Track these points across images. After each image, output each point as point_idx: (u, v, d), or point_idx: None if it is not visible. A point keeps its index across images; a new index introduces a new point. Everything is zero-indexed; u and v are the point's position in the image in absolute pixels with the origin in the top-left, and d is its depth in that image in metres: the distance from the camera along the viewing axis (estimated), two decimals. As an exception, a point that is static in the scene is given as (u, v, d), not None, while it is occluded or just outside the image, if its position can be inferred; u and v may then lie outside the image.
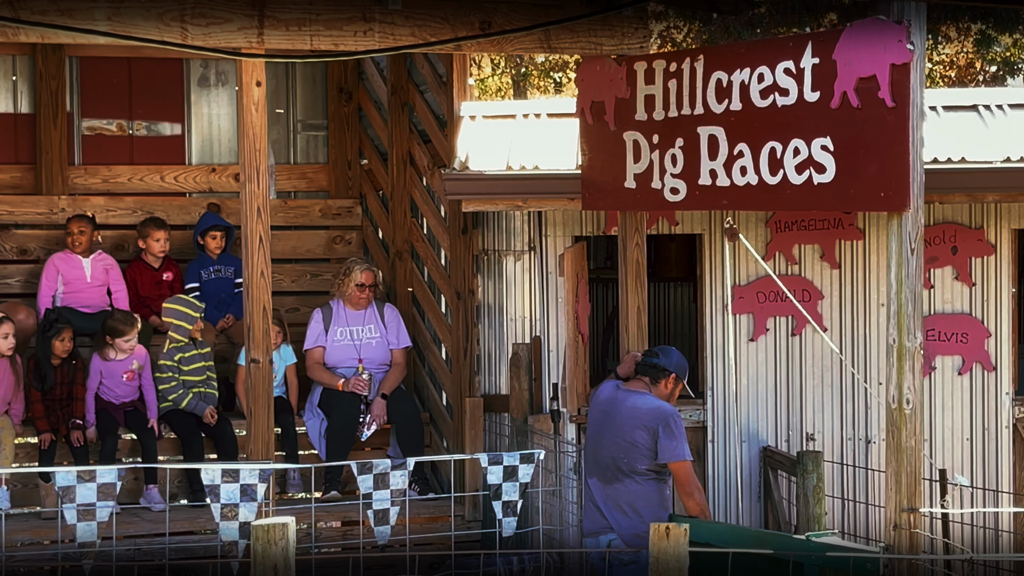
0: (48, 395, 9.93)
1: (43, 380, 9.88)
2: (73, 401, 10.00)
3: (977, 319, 10.78)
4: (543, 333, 10.52)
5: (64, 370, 10.02)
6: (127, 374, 10.11)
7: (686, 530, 5.46)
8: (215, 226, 11.25)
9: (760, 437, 10.62)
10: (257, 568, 5.13)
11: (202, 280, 11.15)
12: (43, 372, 9.90)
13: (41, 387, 9.89)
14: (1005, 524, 10.72)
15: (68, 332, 9.97)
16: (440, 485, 10.68)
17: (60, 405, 9.97)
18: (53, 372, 9.93)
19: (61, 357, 9.98)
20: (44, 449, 9.84)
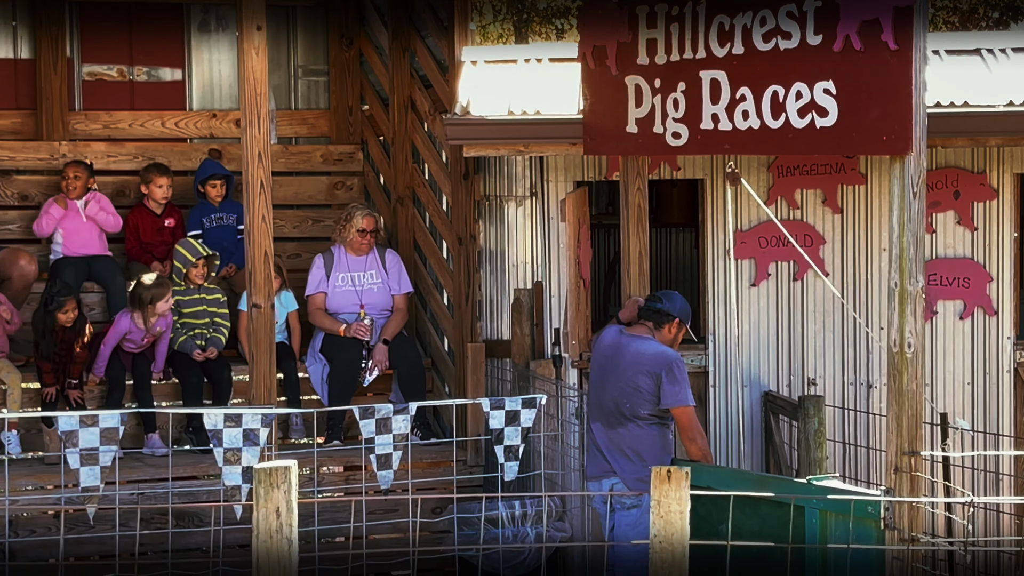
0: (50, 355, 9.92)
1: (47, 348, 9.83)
2: (71, 363, 9.94)
3: (979, 264, 10.78)
4: (545, 278, 10.51)
5: (64, 336, 9.96)
6: (147, 338, 10.11)
7: (687, 473, 5.47)
8: (215, 175, 11.24)
9: (761, 382, 10.64)
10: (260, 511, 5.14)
11: (204, 228, 11.14)
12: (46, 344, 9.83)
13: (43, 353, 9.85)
14: (1005, 467, 10.76)
15: (71, 303, 9.90)
16: (442, 430, 10.71)
17: (60, 367, 9.96)
18: (55, 344, 9.88)
19: (65, 327, 9.93)
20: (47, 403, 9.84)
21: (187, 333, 10.35)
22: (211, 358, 10.24)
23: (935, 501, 8.23)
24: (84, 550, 9.29)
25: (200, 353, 10.21)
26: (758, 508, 8.16)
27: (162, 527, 9.11)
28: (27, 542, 9.16)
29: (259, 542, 5.16)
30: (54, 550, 9.05)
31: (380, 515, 9.60)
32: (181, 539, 9.37)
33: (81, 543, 9.20)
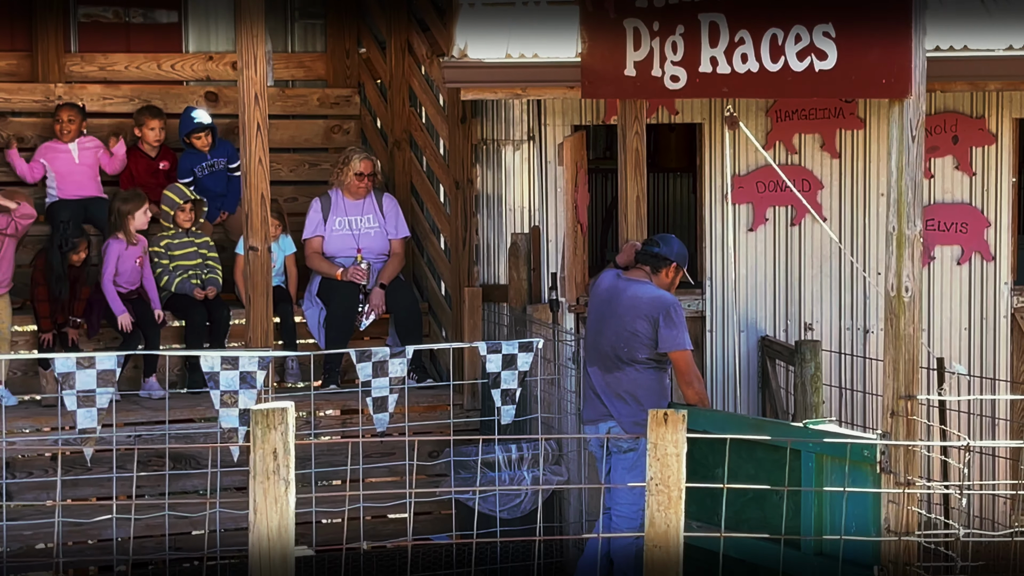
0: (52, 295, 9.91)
1: (60, 289, 9.84)
2: (75, 300, 9.98)
3: (977, 209, 10.76)
4: (542, 223, 10.50)
5: (72, 274, 9.99)
6: (138, 259, 10.12)
7: (684, 416, 5.47)
8: (197, 127, 11.10)
9: (758, 327, 10.64)
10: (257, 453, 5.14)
11: (196, 176, 11.07)
12: (60, 283, 9.84)
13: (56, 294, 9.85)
14: (1001, 412, 10.78)
15: (83, 244, 9.95)
16: (439, 374, 10.71)
17: (61, 307, 9.95)
18: (67, 276, 9.90)
19: (77, 266, 9.95)
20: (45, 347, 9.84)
21: (181, 275, 10.35)
22: (210, 297, 10.26)
23: (931, 445, 8.25)
24: (81, 492, 9.31)
25: (200, 292, 10.22)
26: (754, 452, 8.18)
27: (159, 469, 9.12)
28: (24, 483, 9.18)
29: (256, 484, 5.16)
30: (51, 492, 9.07)
31: (377, 458, 9.61)
32: (178, 481, 9.39)
33: (78, 485, 9.22)
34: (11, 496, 9.16)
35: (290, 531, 5.06)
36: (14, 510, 9.23)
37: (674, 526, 5.38)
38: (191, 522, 9.15)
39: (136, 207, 10.12)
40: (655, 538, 5.38)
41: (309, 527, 8.99)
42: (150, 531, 9.16)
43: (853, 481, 7.39)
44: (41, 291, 9.87)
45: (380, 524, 10.24)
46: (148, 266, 10.24)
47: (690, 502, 5.60)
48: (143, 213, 10.15)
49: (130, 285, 10.13)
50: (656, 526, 5.37)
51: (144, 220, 10.17)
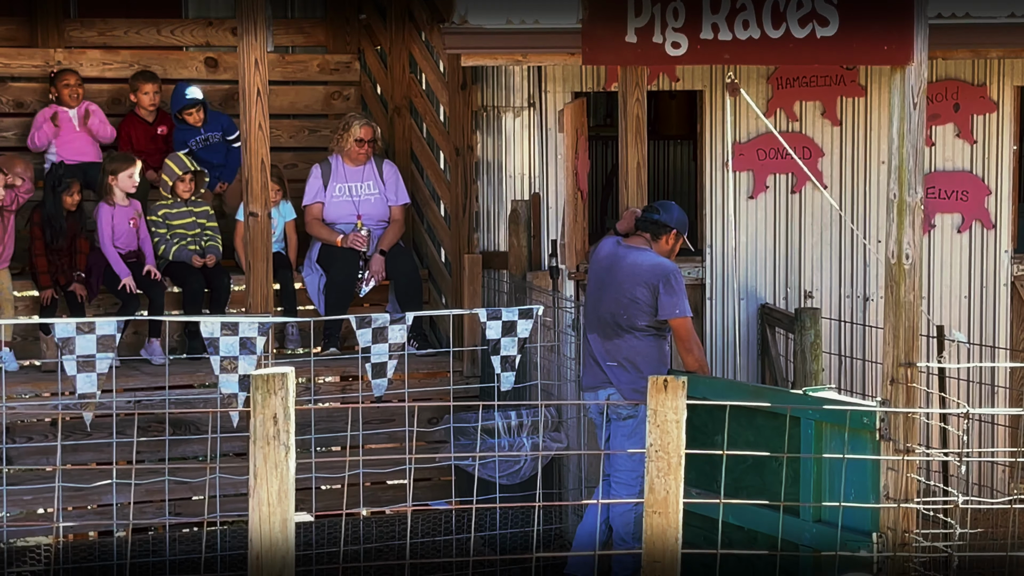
0: (50, 249, 9.92)
1: (56, 236, 9.87)
2: (75, 253, 10.00)
3: (977, 177, 10.75)
4: (542, 190, 10.48)
5: (72, 222, 10.02)
6: (132, 220, 10.11)
7: (684, 383, 5.46)
8: (188, 104, 11.05)
9: (758, 294, 10.63)
10: (257, 418, 5.14)
11: (192, 150, 11.05)
12: (56, 228, 9.87)
13: (52, 242, 9.87)
14: (1001, 379, 10.78)
15: (76, 185, 9.99)
16: (438, 341, 10.71)
17: (61, 256, 9.95)
18: (64, 224, 9.92)
19: (71, 211, 9.97)
20: (45, 306, 9.84)
21: (179, 242, 10.33)
22: (209, 265, 10.24)
23: (931, 412, 8.26)
24: (81, 457, 9.32)
25: (199, 259, 10.21)
26: (754, 419, 8.18)
27: (159, 435, 9.13)
28: (24, 448, 9.19)
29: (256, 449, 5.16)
30: (51, 457, 9.08)
31: (376, 425, 9.62)
32: (178, 447, 9.40)
33: (78, 450, 9.23)
34: (11, 461, 9.17)
35: (290, 496, 5.07)
36: (14, 475, 9.24)
37: (674, 492, 5.38)
38: (191, 488, 9.17)
39: (120, 168, 10.09)
40: (655, 504, 5.38)
41: (309, 493, 9.00)
42: (150, 496, 9.18)
43: (852, 448, 7.40)
44: (39, 245, 9.87)
45: (379, 490, 10.26)
46: (144, 227, 10.22)
47: (689, 469, 5.60)
48: (128, 176, 10.08)
49: (126, 247, 10.12)
50: (656, 492, 5.37)
51: (130, 183, 10.10)
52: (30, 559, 8.87)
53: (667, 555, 5.33)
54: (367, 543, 9.47)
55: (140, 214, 10.24)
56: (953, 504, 6.97)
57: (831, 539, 7.38)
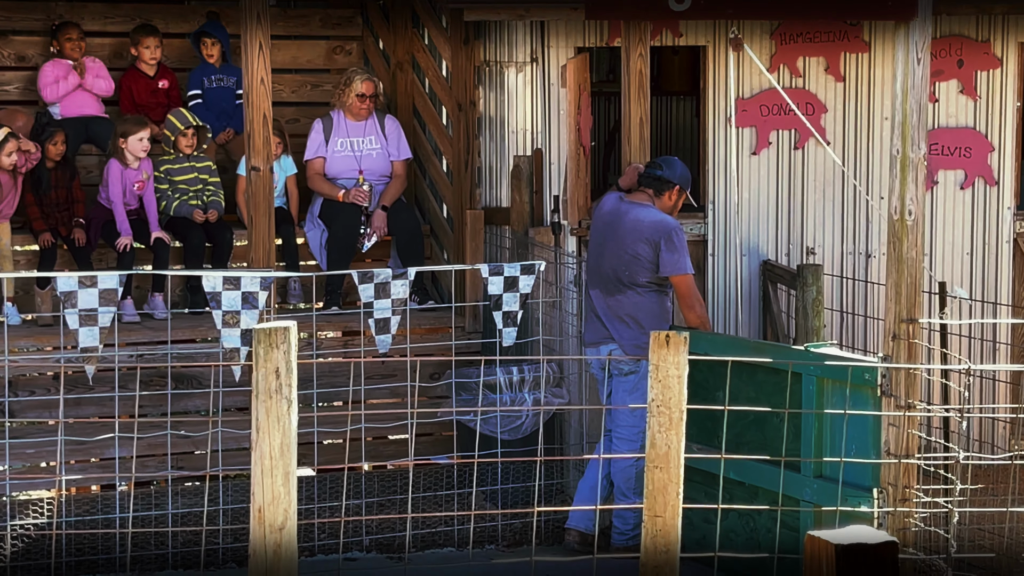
0: (45, 199, 9.91)
1: (39, 185, 9.87)
2: (73, 203, 9.99)
3: (981, 133, 10.73)
4: (544, 145, 10.46)
5: (59, 173, 9.99)
6: (138, 183, 10.09)
7: (686, 338, 5.46)
8: (205, 32, 11.09)
9: (760, 251, 10.63)
10: (259, 372, 5.14)
11: (204, 87, 11.05)
12: (40, 178, 9.88)
13: (37, 191, 9.87)
14: (1003, 336, 10.79)
15: (60, 135, 9.94)
16: (440, 297, 10.71)
17: (58, 208, 9.95)
18: (48, 175, 9.91)
19: (55, 160, 9.95)
20: (45, 249, 9.82)
21: (180, 197, 10.32)
22: (211, 220, 10.23)
23: (932, 368, 8.27)
24: (83, 411, 9.34)
25: (200, 214, 10.20)
26: (755, 375, 8.20)
27: (161, 389, 9.14)
28: (27, 402, 9.20)
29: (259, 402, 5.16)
30: (53, 410, 9.10)
31: (378, 380, 9.63)
32: (180, 402, 9.41)
33: (80, 404, 9.24)
34: (13, 415, 9.18)
35: (293, 450, 5.07)
36: (16, 429, 9.26)
37: (675, 447, 5.39)
38: (193, 442, 9.19)
39: (129, 131, 10.04)
40: (656, 459, 5.38)
41: (311, 448, 9.02)
42: (152, 450, 9.20)
43: (853, 404, 7.41)
44: (29, 196, 9.87)
45: (381, 445, 10.29)
46: (150, 191, 10.19)
47: (691, 425, 5.60)
48: (137, 139, 10.03)
49: (127, 206, 10.11)
50: (657, 447, 5.37)
51: (139, 147, 10.04)
52: (33, 512, 8.90)
53: (668, 510, 5.34)
54: (369, 497, 9.50)
55: (149, 176, 10.19)
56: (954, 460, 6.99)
57: (832, 495, 7.40)
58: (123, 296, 9.36)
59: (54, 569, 8.54)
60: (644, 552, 5.27)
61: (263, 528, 5.04)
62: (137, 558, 8.82)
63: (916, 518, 7.01)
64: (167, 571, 8.79)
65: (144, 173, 10.13)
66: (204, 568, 8.67)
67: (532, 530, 9.06)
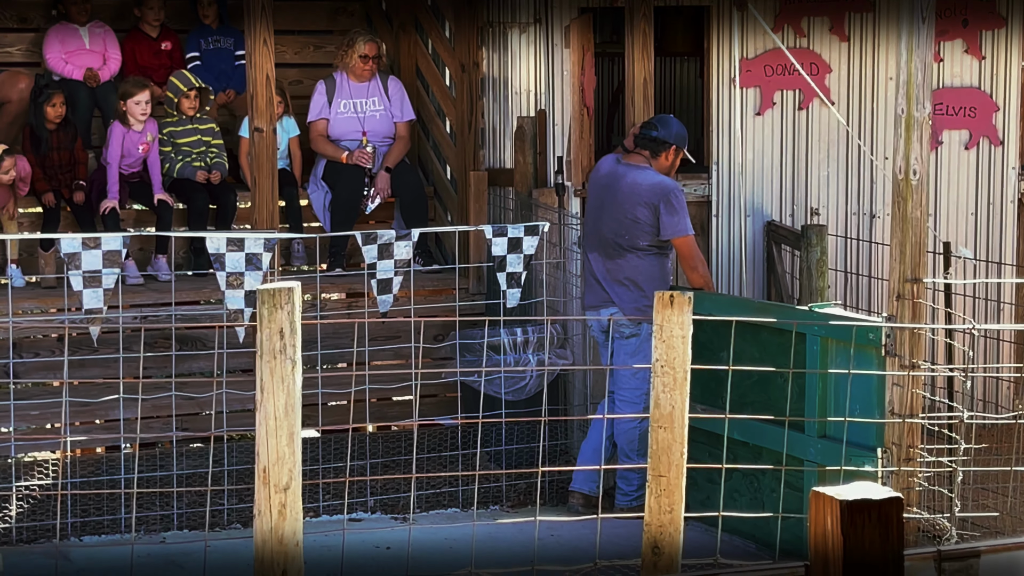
0: (47, 160, 9.90)
1: (39, 146, 9.85)
2: (75, 165, 9.98)
3: (985, 93, 10.70)
4: (548, 106, 10.44)
5: (60, 135, 9.97)
6: (142, 146, 10.07)
7: (690, 298, 5.46)
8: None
9: (765, 211, 10.61)
10: (263, 332, 5.14)
11: (202, 49, 11.01)
12: (38, 137, 9.87)
13: (37, 152, 9.85)
14: (1007, 296, 10.79)
15: (59, 97, 9.90)
16: (444, 259, 10.71)
17: (61, 170, 9.94)
18: (49, 136, 9.89)
19: (55, 122, 9.93)
20: (48, 211, 9.81)
21: (183, 159, 10.30)
22: (214, 182, 10.21)
23: (936, 328, 8.26)
24: (88, 373, 9.34)
25: (203, 174, 10.18)
26: (759, 335, 8.19)
27: (165, 351, 9.15)
28: (31, 364, 9.21)
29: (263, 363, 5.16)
30: (58, 372, 9.11)
31: (382, 341, 9.64)
32: (184, 363, 9.42)
33: (85, 365, 9.25)
34: (18, 376, 9.19)
35: (297, 410, 5.07)
36: (21, 390, 9.27)
37: (679, 407, 5.39)
38: (198, 403, 9.20)
39: (129, 93, 10.01)
40: (660, 419, 5.38)
41: (315, 409, 9.03)
42: (156, 412, 9.22)
43: (858, 364, 7.41)
44: (29, 158, 9.86)
45: (385, 407, 10.30)
46: (155, 153, 10.17)
47: (694, 386, 5.61)
48: (135, 103, 9.99)
49: (130, 168, 10.10)
50: (661, 407, 5.38)
51: (138, 110, 10.01)
52: (38, 473, 8.92)
53: (672, 470, 5.34)
54: (373, 458, 9.51)
55: (154, 138, 10.16)
56: (958, 420, 6.99)
57: (836, 454, 7.41)
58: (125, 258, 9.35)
59: (59, 530, 8.56)
60: (648, 511, 5.29)
61: (268, 488, 5.05)
62: (142, 519, 8.85)
63: (920, 477, 7.02)
64: (172, 532, 8.82)
65: (149, 135, 10.10)
66: (209, 529, 8.70)
67: (536, 490, 9.07)
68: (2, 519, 8.73)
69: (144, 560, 8.00)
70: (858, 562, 2.82)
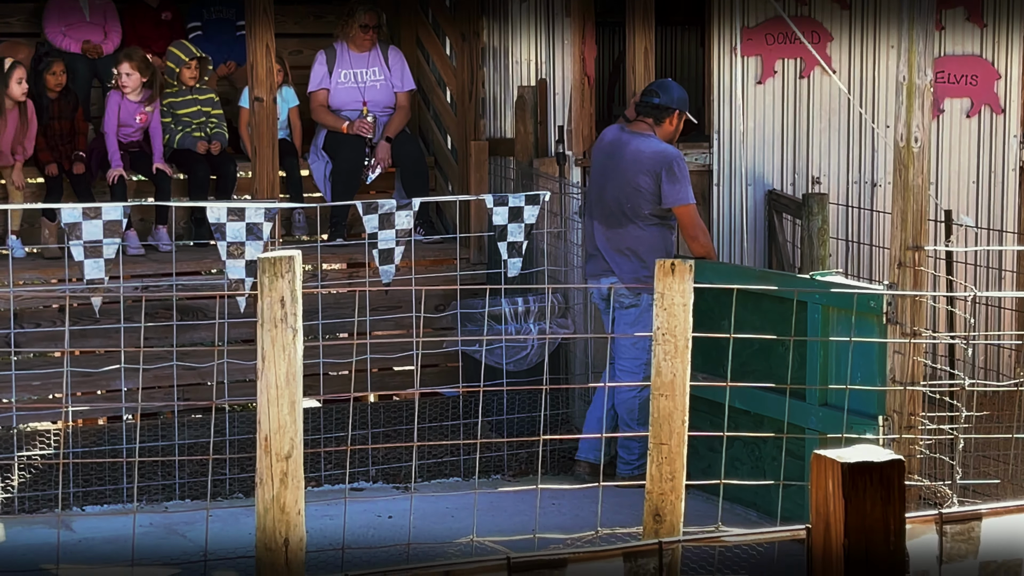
0: (48, 129, 9.89)
1: (41, 115, 9.84)
2: (76, 135, 9.97)
3: (987, 61, 10.67)
4: (549, 76, 10.41)
5: (62, 104, 9.96)
6: (140, 116, 10.04)
7: (691, 266, 5.45)
8: None
9: (766, 180, 10.59)
10: (264, 301, 5.14)
11: (204, 19, 10.99)
12: (40, 105, 9.85)
13: (40, 121, 9.84)
14: (1008, 263, 10.78)
15: (59, 66, 9.89)
16: (445, 229, 10.70)
17: (62, 140, 9.92)
18: (50, 104, 9.88)
19: (56, 91, 9.91)
20: (50, 180, 9.79)
21: (183, 130, 10.29)
22: (214, 152, 10.19)
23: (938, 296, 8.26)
24: (89, 343, 9.35)
25: (204, 144, 10.16)
26: (760, 304, 8.19)
27: (166, 321, 9.15)
28: (32, 334, 9.21)
29: (264, 332, 5.16)
30: (59, 343, 9.11)
31: (383, 311, 9.64)
32: (185, 334, 9.42)
33: (86, 335, 9.26)
34: (20, 347, 9.20)
35: (298, 379, 5.07)
36: (23, 361, 9.28)
37: (680, 375, 5.38)
38: (199, 373, 9.20)
39: (119, 62, 10.00)
40: (661, 387, 5.38)
41: (316, 379, 9.04)
42: (158, 382, 9.22)
43: (859, 331, 7.41)
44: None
45: (387, 377, 10.31)
46: (156, 121, 10.14)
47: (696, 355, 5.60)
48: (126, 73, 9.95)
49: (129, 138, 10.08)
50: (662, 375, 5.37)
51: (128, 80, 9.97)
52: (40, 443, 8.93)
53: (674, 437, 5.35)
54: (375, 428, 9.53)
55: (154, 108, 10.12)
56: (959, 387, 6.99)
57: (837, 422, 7.41)
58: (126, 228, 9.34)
59: (61, 500, 8.58)
60: (650, 479, 5.29)
61: (269, 457, 5.05)
62: (144, 488, 8.87)
63: (921, 445, 7.02)
64: (174, 501, 8.84)
65: (148, 106, 10.07)
66: (211, 498, 8.71)
67: (538, 459, 9.09)
68: (4, 489, 8.74)
69: (146, 529, 8.02)
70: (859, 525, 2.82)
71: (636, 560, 3.22)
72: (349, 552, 6.80)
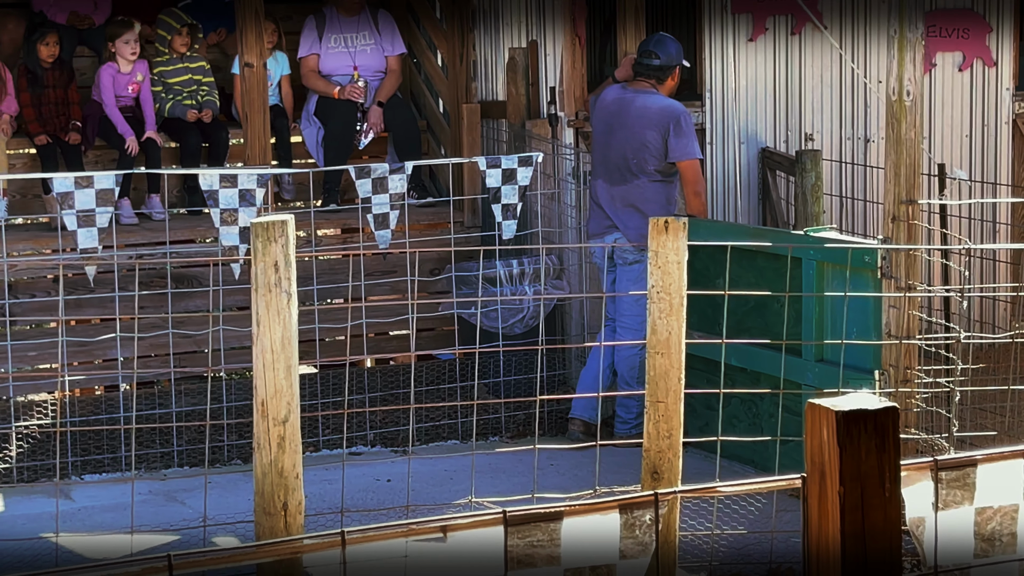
0: (43, 97, 9.86)
1: (35, 85, 9.81)
2: (69, 105, 9.93)
3: (979, 14, 10.64)
4: (539, 37, 10.39)
5: (55, 74, 9.92)
6: (132, 86, 10.01)
7: (685, 223, 5.45)
8: None
9: (759, 138, 10.58)
10: (258, 266, 5.13)
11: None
12: (35, 77, 9.82)
13: (32, 90, 9.81)
14: (1002, 216, 10.78)
15: (53, 36, 9.85)
16: (438, 192, 10.68)
17: (56, 111, 9.89)
18: (44, 74, 9.85)
19: (48, 62, 9.87)
20: (42, 146, 9.76)
21: (174, 98, 10.25)
22: (205, 120, 10.15)
23: (932, 249, 8.26)
24: (84, 313, 9.35)
25: (195, 113, 10.12)
26: (755, 261, 8.19)
27: (161, 290, 9.15)
28: (27, 304, 9.21)
29: (258, 296, 5.15)
30: (54, 313, 9.11)
31: (378, 276, 9.63)
32: (180, 302, 9.42)
33: (81, 305, 9.25)
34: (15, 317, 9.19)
35: (294, 343, 5.07)
36: (18, 331, 9.28)
37: (676, 333, 5.39)
38: (195, 341, 9.21)
39: (116, 33, 9.95)
40: (657, 345, 5.39)
41: (312, 345, 9.04)
42: (154, 351, 9.22)
43: (854, 287, 7.41)
44: (25, 96, 9.82)
45: (383, 341, 10.31)
46: (147, 91, 10.11)
47: (691, 313, 5.61)
48: (124, 42, 9.92)
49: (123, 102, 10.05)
50: (658, 333, 5.38)
51: (127, 49, 9.94)
52: (37, 413, 8.93)
53: (670, 395, 5.35)
54: (372, 392, 9.53)
55: (145, 77, 10.09)
56: (955, 340, 7.00)
57: (834, 378, 7.42)
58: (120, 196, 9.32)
59: (60, 469, 8.59)
60: (647, 437, 5.30)
61: (267, 421, 5.06)
62: (142, 456, 8.88)
63: (918, 399, 7.03)
64: (173, 468, 8.85)
65: (139, 75, 10.04)
66: (209, 465, 8.73)
67: (535, 420, 9.10)
68: (3, 459, 8.75)
69: (145, 497, 8.03)
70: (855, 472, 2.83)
71: (632, 512, 3.22)
72: (348, 515, 6.81)
